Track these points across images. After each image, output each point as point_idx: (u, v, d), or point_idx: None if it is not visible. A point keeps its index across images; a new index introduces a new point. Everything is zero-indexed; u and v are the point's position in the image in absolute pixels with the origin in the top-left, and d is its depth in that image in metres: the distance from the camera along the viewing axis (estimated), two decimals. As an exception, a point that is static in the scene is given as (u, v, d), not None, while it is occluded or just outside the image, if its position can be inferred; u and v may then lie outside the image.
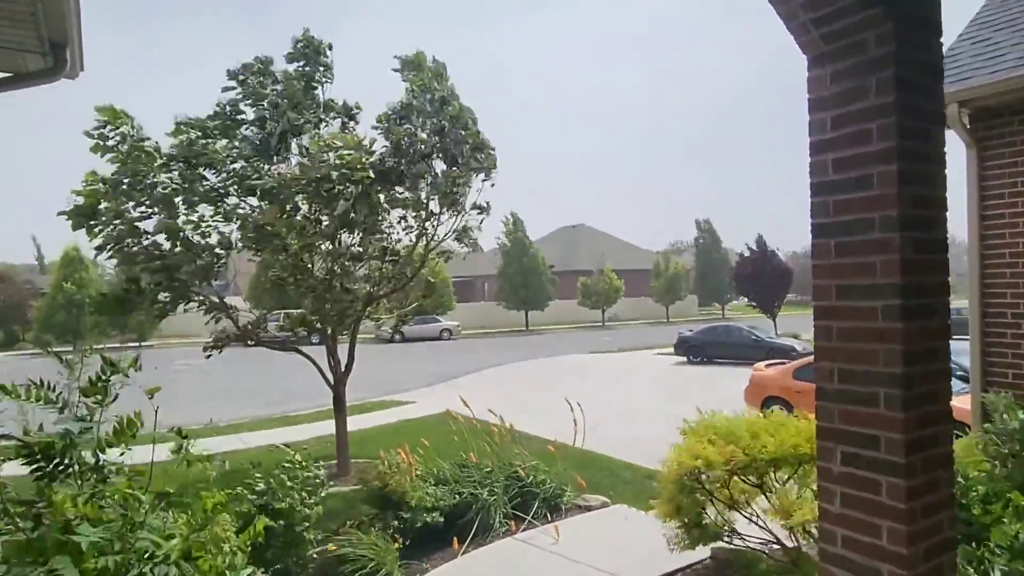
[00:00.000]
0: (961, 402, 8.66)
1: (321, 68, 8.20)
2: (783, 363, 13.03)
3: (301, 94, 7.93)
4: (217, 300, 8.21)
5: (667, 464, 5.02)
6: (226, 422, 13.50)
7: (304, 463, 4.66)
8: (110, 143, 7.19)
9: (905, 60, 2.10)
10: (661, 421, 12.61)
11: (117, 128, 7.19)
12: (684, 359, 23.09)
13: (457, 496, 6.01)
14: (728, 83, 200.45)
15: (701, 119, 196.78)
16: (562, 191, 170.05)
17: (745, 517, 4.99)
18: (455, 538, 5.61)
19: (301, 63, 8.18)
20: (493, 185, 8.70)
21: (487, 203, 8.87)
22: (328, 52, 8.27)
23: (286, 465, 4.60)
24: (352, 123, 8.57)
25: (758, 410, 11.21)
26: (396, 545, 4.96)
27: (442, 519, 5.61)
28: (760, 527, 4.88)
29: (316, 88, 8.24)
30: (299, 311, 8.94)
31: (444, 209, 8.56)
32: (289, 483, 4.41)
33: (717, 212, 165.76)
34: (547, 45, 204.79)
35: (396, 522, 5.28)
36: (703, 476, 4.81)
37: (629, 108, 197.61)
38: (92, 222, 7.15)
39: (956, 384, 9.71)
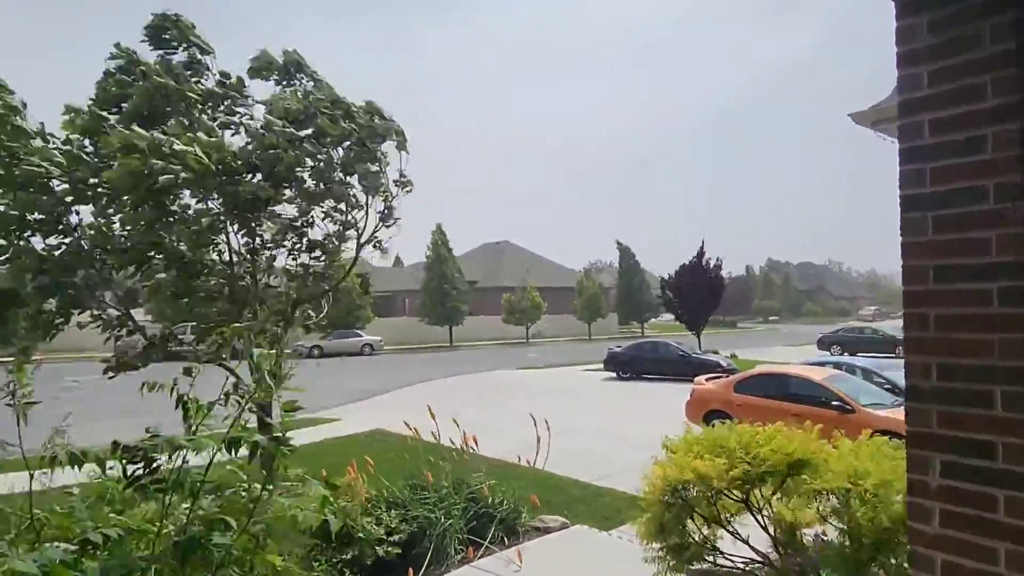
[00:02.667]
0: (902, 414, 8.91)
1: (196, 48, 7.04)
2: (720, 376, 13.15)
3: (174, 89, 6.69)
4: (120, 313, 7.15)
5: (650, 481, 4.63)
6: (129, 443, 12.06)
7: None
8: None
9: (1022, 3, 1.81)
10: (602, 437, 12.40)
11: None
12: (613, 374, 23.16)
13: (412, 522, 5.38)
14: (651, 113, 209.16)
15: (626, 145, 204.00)
16: (487, 207, 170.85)
17: (729, 533, 4.68)
18: (410, 568, 4.98)
19: (177, 51, 7.02)
20: (408, 155, 7.94)
21: (406, 177, 8.02)
22: (193, 28, 7.08)
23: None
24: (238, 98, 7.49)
25: (700, 424, 11.17)
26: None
27: (399, 551, 4.97)
28: (749, 546, 4.58)
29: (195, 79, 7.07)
30: (205, 324, 7.92)
31: (369, 196, 7.78)
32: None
33: (641, 234, 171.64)
34: (474, 65, 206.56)
35: (345, 555, 4.60)
36: (689, 492, 4.47)
37: (555, 130, 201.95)
38: None
39: (889, 397, 10.03)
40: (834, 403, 9.56)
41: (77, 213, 6.63)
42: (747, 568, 4.72)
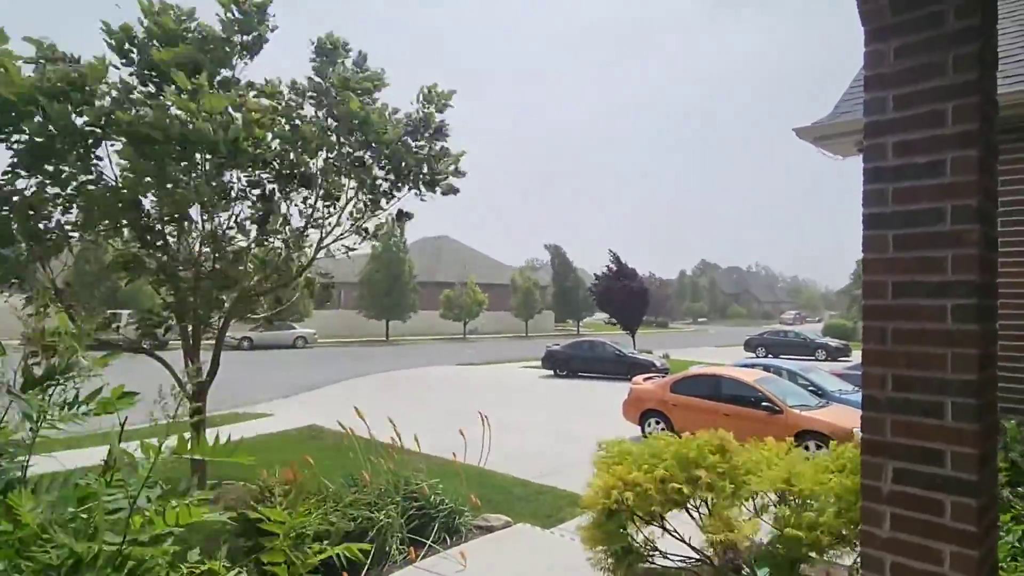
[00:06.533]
0: (826, 416, 9.37)
1: None
2: (655, 376, 13.49)
3: None
4: (50, 287, 6.69)
5: (592, 490, 4.68)
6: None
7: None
8: None
9: (987, 36, 1.92)
10: (542, 435, 12.48)
11: None
12: (550, 372, 23.40)
13: (352, 522, 5.25)
14: (590, 114, 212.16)
15: (574, 147, 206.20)
16: (426, 201, 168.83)
17: (669, 534, 4.79)
18: (344, 572, 4.84)
19: None
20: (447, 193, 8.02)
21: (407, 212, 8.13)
22: None
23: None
24: None
25: (637, 423, 11.43)
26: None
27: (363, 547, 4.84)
28: (688, 545, 4.70)
29: None
30: (141, 307, 7.52)
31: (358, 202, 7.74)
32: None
33: (582, 234, 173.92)
34: (418, 45, 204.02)
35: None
36: (630, 503, 4.54)
37: (502, 129, 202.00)
38: None
39: (813, 399, 10.55)
40: (764, 404, 9.97)
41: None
42: (688, 567, 4.85)
